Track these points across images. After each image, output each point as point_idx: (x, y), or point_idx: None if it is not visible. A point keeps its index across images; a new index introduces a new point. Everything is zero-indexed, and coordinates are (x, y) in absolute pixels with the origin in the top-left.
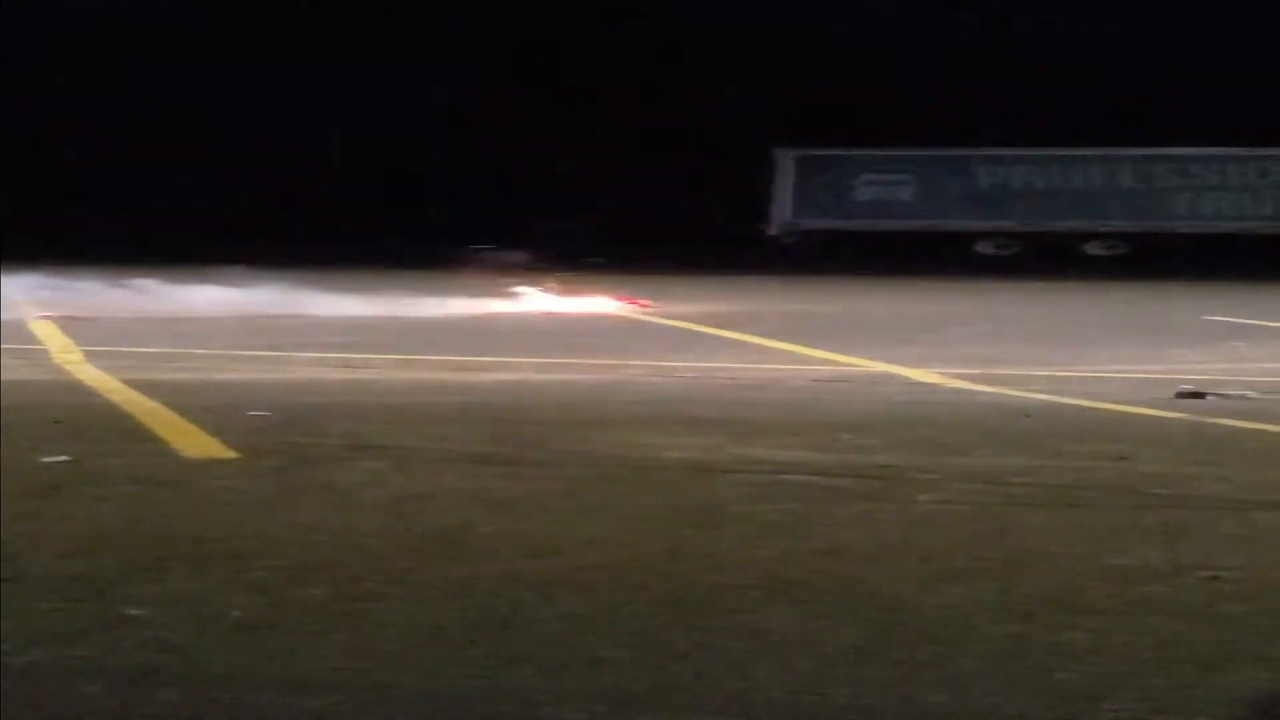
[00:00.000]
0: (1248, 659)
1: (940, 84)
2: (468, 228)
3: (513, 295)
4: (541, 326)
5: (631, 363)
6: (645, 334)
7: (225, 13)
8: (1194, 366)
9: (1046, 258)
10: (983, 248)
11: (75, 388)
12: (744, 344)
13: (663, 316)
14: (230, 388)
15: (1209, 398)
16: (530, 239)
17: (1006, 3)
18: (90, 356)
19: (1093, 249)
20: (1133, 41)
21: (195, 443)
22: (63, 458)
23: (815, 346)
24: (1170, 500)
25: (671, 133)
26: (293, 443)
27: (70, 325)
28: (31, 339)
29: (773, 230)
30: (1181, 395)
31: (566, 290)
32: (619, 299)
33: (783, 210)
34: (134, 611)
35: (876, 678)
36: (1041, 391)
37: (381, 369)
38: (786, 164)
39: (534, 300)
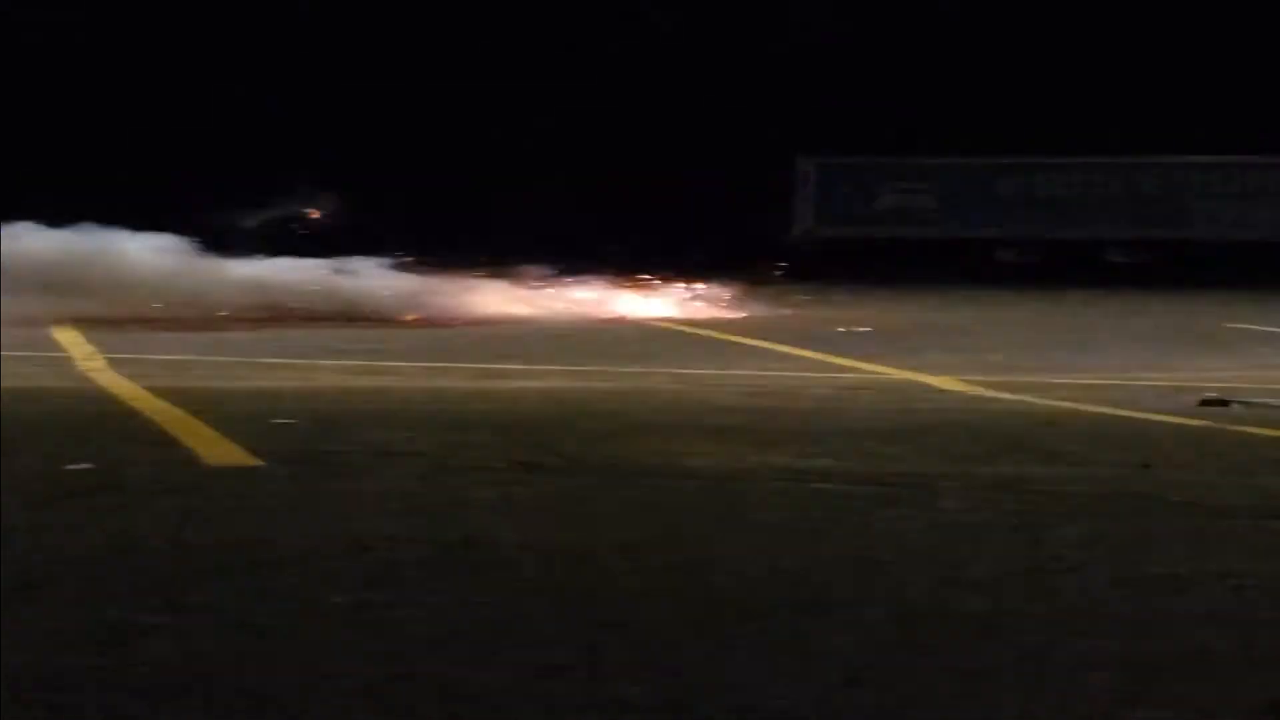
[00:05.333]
0: (1275, 667)
1: (963, 92)
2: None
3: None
4: (566, 333)
5: (654, 370)
6: (667, 341)
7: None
8: (1217, 374)
9: (1068, 266)
10: (1004, 255)
11: (99, 395)
12: (767, 351)
13: (684, 324)
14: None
15: (1233, 405)
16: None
17: (1027, 10)
18: (114, 363)
19: (1115, 257)
20: (1156, 49)
21: (219, 450)
22: (86, 465)
23: (838, 354)
24: (1196, 509)
25: (693, 139)
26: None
27: (93, 332)
28: (55, 346)
29: (793, 238)
30: (1205, 403)
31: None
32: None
33: (804, 218)
34: (156, 620)
35: (903, 687)
36: (1065, 399)
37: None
38: (808, 172)
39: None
